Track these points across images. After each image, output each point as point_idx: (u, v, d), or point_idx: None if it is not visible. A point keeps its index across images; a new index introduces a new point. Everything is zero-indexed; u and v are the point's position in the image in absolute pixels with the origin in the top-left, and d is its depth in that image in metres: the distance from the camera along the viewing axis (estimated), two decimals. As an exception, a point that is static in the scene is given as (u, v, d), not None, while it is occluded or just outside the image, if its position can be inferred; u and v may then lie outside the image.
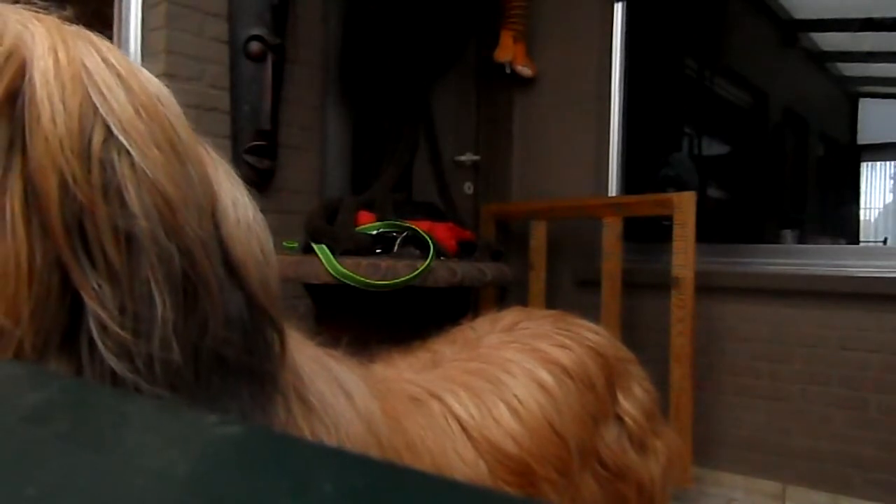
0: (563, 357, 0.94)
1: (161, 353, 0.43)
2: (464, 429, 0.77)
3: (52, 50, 0.43)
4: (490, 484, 0.75)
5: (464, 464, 0.74)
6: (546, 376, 0.90)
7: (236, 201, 0.51)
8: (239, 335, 0.48)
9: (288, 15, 2.36)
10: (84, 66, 0.44)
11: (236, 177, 0.53)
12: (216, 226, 0.48)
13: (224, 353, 0.47)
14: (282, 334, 0.52)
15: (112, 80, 0.44)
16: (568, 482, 0.86)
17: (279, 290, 0.53)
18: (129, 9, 2.16)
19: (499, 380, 0.85)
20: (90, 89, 0.43)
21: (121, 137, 0.43)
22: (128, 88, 0.45)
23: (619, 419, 1.01)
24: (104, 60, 0.45)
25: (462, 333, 1.00)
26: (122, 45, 2.16)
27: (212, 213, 0.48)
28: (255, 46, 2.24)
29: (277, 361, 0.51)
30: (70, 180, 0.42)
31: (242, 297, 0.49)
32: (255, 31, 2.24)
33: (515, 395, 0.84)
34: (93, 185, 0.42)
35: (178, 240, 0.44)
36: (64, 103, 0.42)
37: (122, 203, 0.43)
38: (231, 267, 0.48)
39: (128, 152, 0.43)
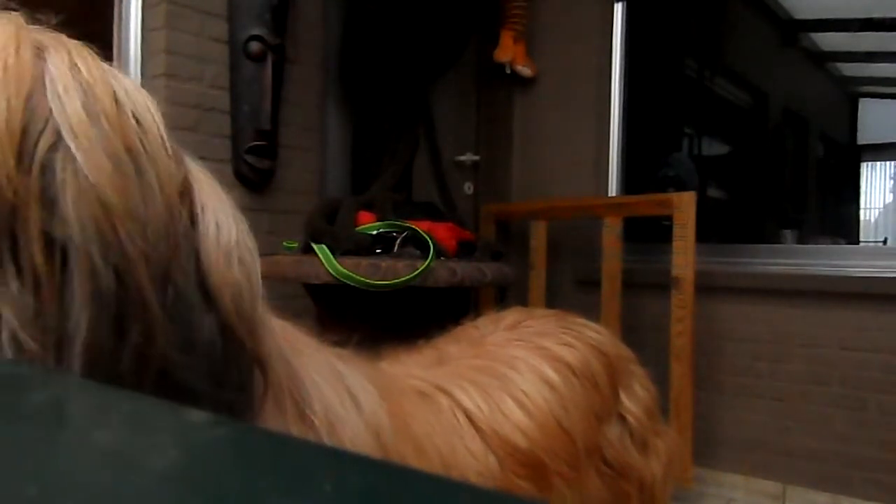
0: (568, 355, 0.94)
1: (78, 369, 0.41)
2: (473, 423, 0.77)
3: (3, 48, 0.42)
4: (501, 478, 0.75)
5: (474, 459, 0.74)
6: (552, 374, 0.90)
7: (220, 223, 0.48)
8: (204, 361, 0.45)
9: (288, 15, 2.36)
10: (46, 69, 0.43)
11: (225, 198, 0.51)
12: (196, 247, 0.46)
13: (181, 378, 0.44)
14: (263, 366, 0.49)
15: (72, 85, 0.43)
16: (578, 476, 0.86)
17: (261, 319, 0.50)
18: (129, 9, 2.15)
19: (506, 376, 0.86)
20: (48, 93, 0.42)
21: (69, 142, 0.41)
22: (90, 95, 0.43)
23: (622, 418, 1.01)
24: (72, 65, 0.44)
25: (466, 332, 1.01)
26: (122, 45, 2.16)
27: (184, 233, 0.46)
28: (255, 46, 2.24)
29: (251, 393, 0.48)
30: (4, 179, 0.40)
31: (215, 323, 0.46)
32: (255, 31, 2.24)
33: (523, 391, 0.85)
34: (29, 187, 0.40)
35: (115, 255, 0.41)
36: (8, 101, 0.41)
37: (58, 210, 0.41)
38: (206, 290, 0.46)
39: (73, 158, 0.41)
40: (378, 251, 1.94)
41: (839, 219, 3.81)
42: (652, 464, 1.03)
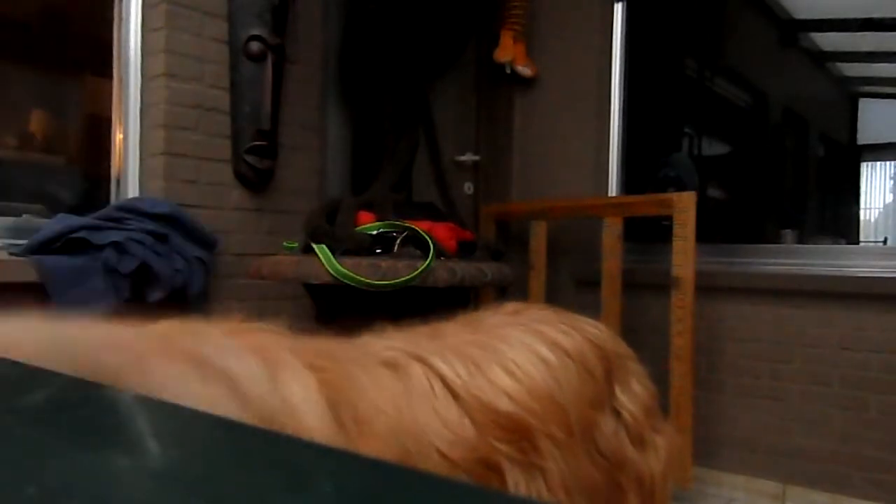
0: (565, 341, 0.94)
1: None
2: (449, 389, 0.75)
3: None
4: (477, 443, 0.73)
5: (443, 424, 0.72)
6: (546, 352, 0.90)
7: None
8: None
9: (288, 15, 2.35)
10: None
11: None
12: None
13: None
14: None
15: None
16: (571, 442, 0.85)
17: None
18: (129, 9, 2.15)
19: (497, 348, 0.85)
20: None
21: None
22: None
23: (617, 413, 1.00)
24: None
25: (464, 316, 1.01)
26: (122, 45, 2.16)
27: None
28: (255, 46, 2.24)
29: None
30: None
31: None
32: (255, 31, 2.24)
33: (513, 361, 0.84)
34: None
35: None
36: None
37: None
38: None
39: None
40: (378, 251, 1.94)
41: (839, 219, 3.81)
42: (650, 461, 1.02)
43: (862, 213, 3.77)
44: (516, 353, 0.85)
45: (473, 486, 0.23)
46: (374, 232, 2.00)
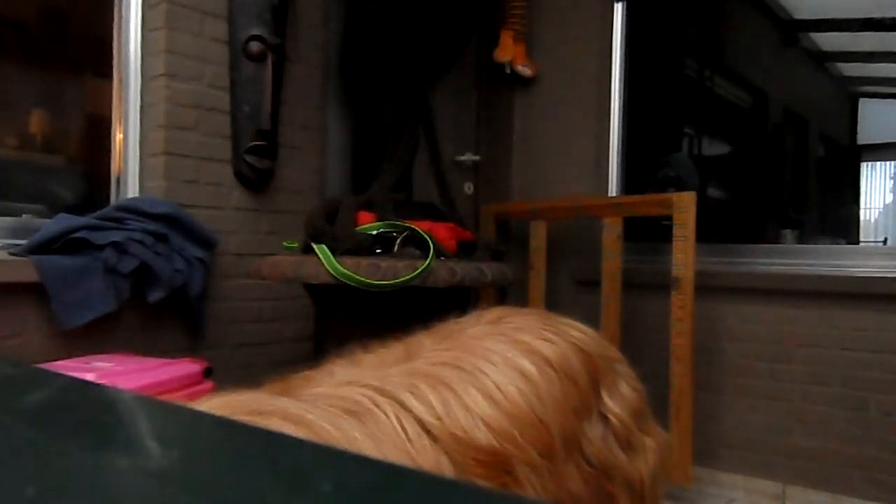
0: (547, 349, 0.93)
1: None
2: (424, 429, 0.72)
3: None
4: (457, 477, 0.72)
5: (420, 467, 0.69)
6: (528, 365, 0.88)
7: None
8: None
9: (288, 15, 2.35)
10: None
11: None
12: None
13: None
14: None
15: None
16: (553, 466, 0.84)
17: None
18: (129, 9, 2.15)
19: (476, 367, 0.83)
20: None
21: None
22: None
23: (605, 418, 0.99)
24: None
25: (445, 326, 1.00)
26: (122, 45, 2.16)
27: None
28: (255, 46, 2.24)
29: None
30: None
31: None
32: (255, 31, 2.24)
33: (494, 382, 0.82)
34: None
35: None
36: None
37: None
38: None
39: None
40: (378, 251, 1.94)
41: (839, 219, 3.81)
42: (639, 464, 1.01)
43: (862, 213, 3.77)
44: (495, 372, 0.83)
45: (473, 486, 0.23)
46: (374, 232, 2.00)
